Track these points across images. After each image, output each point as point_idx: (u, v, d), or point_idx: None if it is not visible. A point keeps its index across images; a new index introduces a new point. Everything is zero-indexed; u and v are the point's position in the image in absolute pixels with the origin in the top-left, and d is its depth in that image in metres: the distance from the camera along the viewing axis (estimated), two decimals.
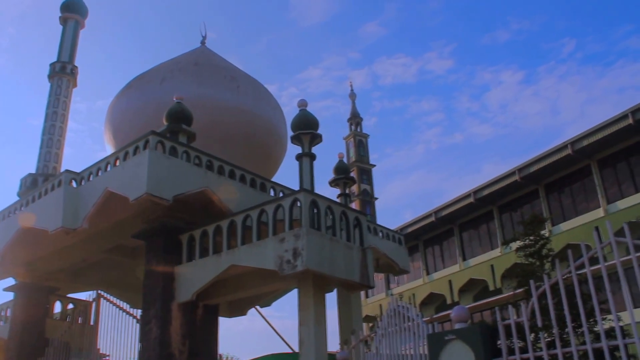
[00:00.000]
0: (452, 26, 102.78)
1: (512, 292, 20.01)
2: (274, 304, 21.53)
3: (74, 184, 16.14)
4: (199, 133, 16.36)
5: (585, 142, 28.75)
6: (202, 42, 22.63)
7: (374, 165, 45.31)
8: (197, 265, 14.36)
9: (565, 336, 10.01)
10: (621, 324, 7.04)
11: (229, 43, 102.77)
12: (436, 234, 38.42)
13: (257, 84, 21.32)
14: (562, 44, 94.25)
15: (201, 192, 14.90)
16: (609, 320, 8.73)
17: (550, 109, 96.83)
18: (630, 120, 26.77)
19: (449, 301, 35.19)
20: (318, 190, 18.95)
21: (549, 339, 10.65)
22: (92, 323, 16.69)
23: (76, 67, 22.27)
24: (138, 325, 15.06)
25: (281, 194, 17.30)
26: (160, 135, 14.91)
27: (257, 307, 20.55)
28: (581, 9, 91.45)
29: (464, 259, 36.18)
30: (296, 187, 16.71)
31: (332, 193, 27.48)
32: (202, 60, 20.85)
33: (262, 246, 13.32)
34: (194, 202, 15.18)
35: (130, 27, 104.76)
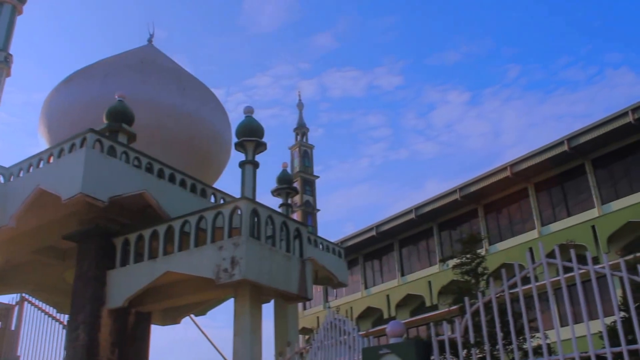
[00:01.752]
0: (404, 43, 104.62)
1: (447, 309, 20.27)
2: (210, 312, 21.18)
3: (1, 179, 15.48)
4: (140, 134, 15.97)
5: (523, 165, 29.65)
6: (150, 41, 22.04)
7: (318, 177, 45.40)
8: (131, 270, 13.97)
9: (495, 353, 10.17)
10: (548, 341, 7.20)
11: (177, 43, 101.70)
12: (376, 248, 38.71)
13: (204, 88, 21.00)
14: (507, 69, 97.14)
15: (139, 194, 14.53)
16: (538, 337, 8.92)
17: (493, 131, 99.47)
18: (565, 147, 27.86)
19: (386, 315, 35.41)
20: (260, 199, 18.74)
21: (480, 355, 10.80)
22: (13, 328, 15.96)
23: (11, 55, 21.32)
24: (64, 331, 14.53)
25: (222, 201, 17.09)
26: (99, 134, 14.46)
27: (192, 315, 20.17)
28: (526, 38, 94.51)
29: (403, 274, 36.56)
30: (238, 195, 16.51)
31: (274, 202, 27.31)
32: (149, 59, 20.35)
33: (200, 253, 13.10)
34: (131, 205, 14.79)
35: (75, 18, 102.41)
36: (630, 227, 25.23)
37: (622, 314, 7.64)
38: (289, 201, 20.32)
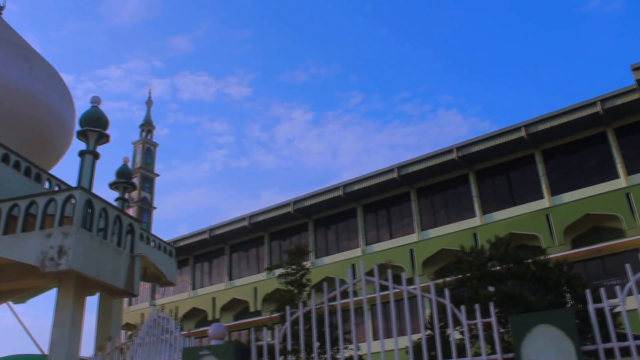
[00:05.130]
0: (257, 57, 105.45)
1: (269, 316, 20.91)
2: (30, 301, 20.16)
3: None
4: None
5: (355, 187, 31.43)
6: None
7: (158, 175, 44.56)
8: None
9: None
10: (360, 353, 7.87)
11: (30, 20, 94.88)
12: (207, 251, 38.81)
13: (52, 70, 20.00)
14: (351, 95, 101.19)
15: None
16: (351, 349, 9.69)
17: (331, 152, 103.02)
18: (395, 175, 29.98)
19: (210, 317, 35.60)
20: (96, 190, 18.31)
21: None
22: None
23: None
24: None
25: (57, 188, 16.49)
26: None
27: (10, 302, 19.11)
28: (373, 69, 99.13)
29: (231, 279, 36.99)
30: (75, 184, 16.06)
31: (111, 196, 26.58)
32: None
33: (26, 239, 12.66)
34: None
35: None
36: (443, 254, 27.61)
37: (428, 332, 8.38)
38: (126, 196, 19.99)
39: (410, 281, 24.37)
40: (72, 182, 16.90)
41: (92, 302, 15.45)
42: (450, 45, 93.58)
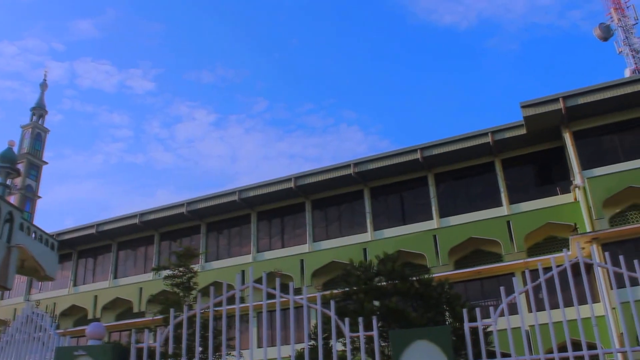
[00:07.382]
0: (165, 52, 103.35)
1: (153, 318, 20.45)
2: None
3: None
4: None
5: (251, 194, 31.49)
6: None
7: (47, 163, 42.68)
8: None
9: None
10: None
11: None
12: (93, 247, 37.50)
13: None
14: (256, 101, 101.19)
15: None
16: (233, 355, 9.65)
17: (231, 156, 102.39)
18: (292, 185, 30.33)
19: (90, 316, 34.24)
20: None
21: None
22: None
23: None
24: None
25: None
26: None
27: None
28: (279, 78, 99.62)
29: (115, 277, 35.90)
30: None
31: None
32: None
33: None
34: None
35: None
36: (333, 266, 28.07)
37: (312, 342, 8.45)
38: (8, 182, 18.97)
39: (298, 291, 24.62)
40: None
41: None
42: (359, 64, 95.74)
